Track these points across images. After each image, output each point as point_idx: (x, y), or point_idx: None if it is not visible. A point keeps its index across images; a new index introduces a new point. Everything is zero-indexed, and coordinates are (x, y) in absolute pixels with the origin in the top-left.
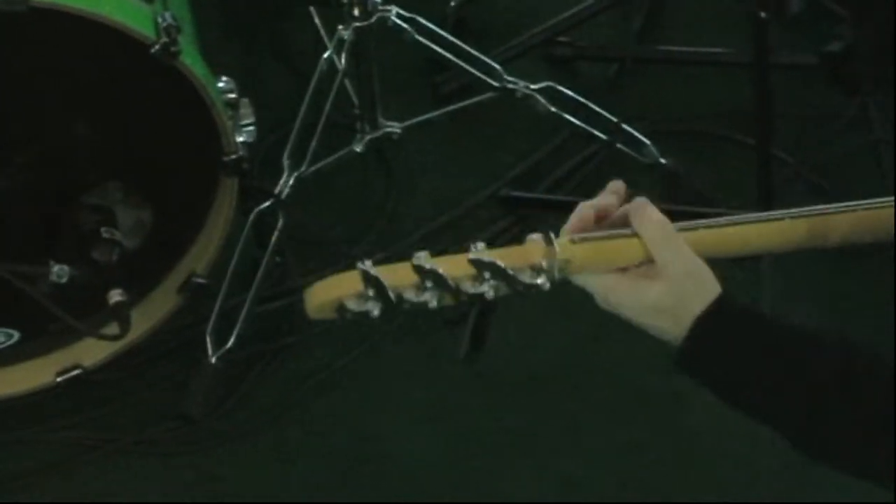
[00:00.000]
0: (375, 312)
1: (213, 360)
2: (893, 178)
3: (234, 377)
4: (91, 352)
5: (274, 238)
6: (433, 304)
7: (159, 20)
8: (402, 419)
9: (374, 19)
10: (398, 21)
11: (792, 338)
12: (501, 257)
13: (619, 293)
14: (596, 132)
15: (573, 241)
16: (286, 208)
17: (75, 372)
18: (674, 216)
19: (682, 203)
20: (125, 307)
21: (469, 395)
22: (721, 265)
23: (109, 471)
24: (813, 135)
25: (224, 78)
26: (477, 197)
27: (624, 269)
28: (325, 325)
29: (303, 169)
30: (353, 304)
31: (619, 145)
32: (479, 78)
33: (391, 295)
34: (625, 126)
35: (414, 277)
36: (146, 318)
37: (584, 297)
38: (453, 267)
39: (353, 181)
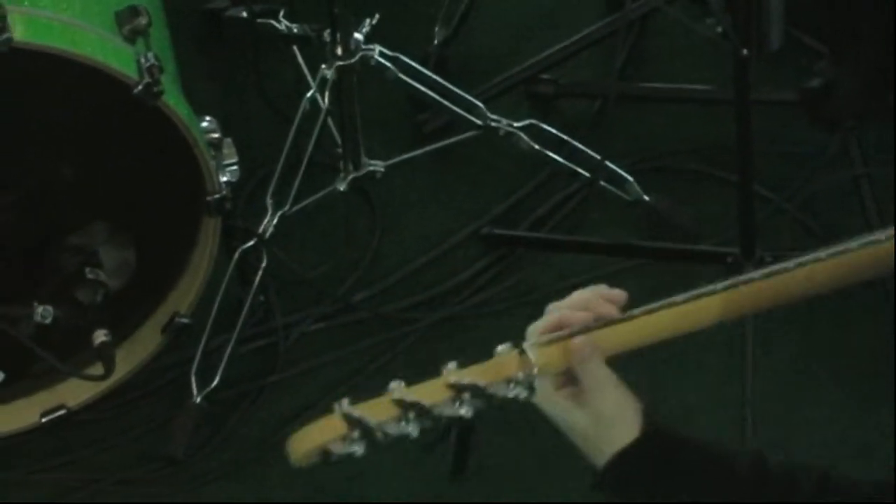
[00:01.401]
0: (360, 452)
1: (198, 399)
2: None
3: (217, 416)
4: (75, 392)
5: (257, 277)
6: (415, 433)
7: (142, 60)
8: (385, 458)
9: (356, 58)
10: (381, 59)
11: (704, 471)
12: (477, 376)
13: (548, 404)
14: (579, 169)
15: (542, 344)
16: (269, 247)
17: (60, 413)
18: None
19: (666, 240)
20: (110, 348)
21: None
22: None
23: None
24: (794, 171)
25: (207, 118)
26: (460, 235)
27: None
28: (308, 364)
29: (286, 208)
30: (337, 448)
31: (602, 182)
32: (461, 116)
33: (377, 433)
34: (608, 163)
35: (394, 410)
36: (130, 358)
37: None
38: (431, 394)
39: (337, 220)
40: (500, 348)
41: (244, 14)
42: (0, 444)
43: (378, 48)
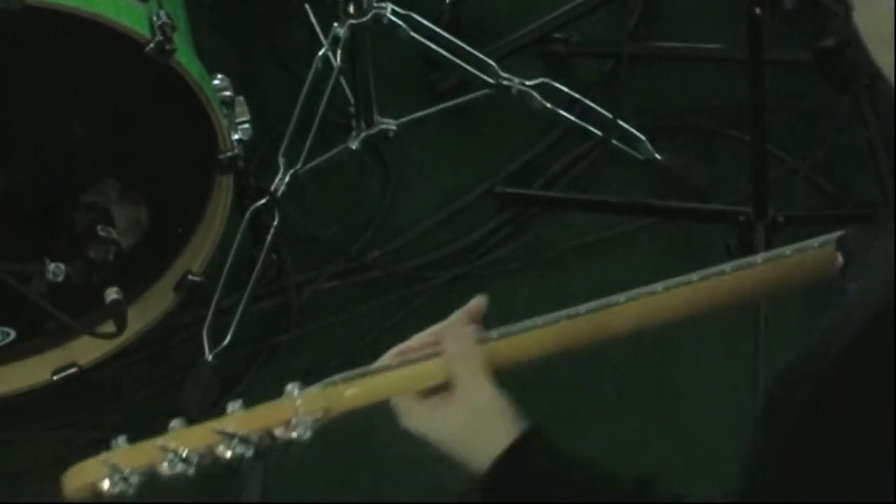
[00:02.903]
0: (131, 491)
1: (210, 357)
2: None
3: (230, 374)
4: (87, 350)
5: (269, 236)
6: (191, 472)
7: (154, 18)
8: (395, 417)
9: (369, 16)
10: (393, 18)
11: (580, 481)
12: (246, 422)
13: (413, 417)
14: (591, 128)
15: (334, 384)
16: (282, 206)
17: (71, 370)
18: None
19: (678, 199)
20: (121, 306)
21: None
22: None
23: None
24: (807, 131)
25: (219, 76)
26: (473, 194)
27: (427, 394)
28: (320, 323)
29: (298, 166)
30: (108, 487)
31: (614, 142)
32: (474, 75)
33: (135, 478)
34: (620, 122)
35: (163, 455)
36: (142, 316)
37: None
38: (200, 438)
39: (349, 179)
40: (288, 387)
41: None
42: (11, 401)
43: (390, 6)
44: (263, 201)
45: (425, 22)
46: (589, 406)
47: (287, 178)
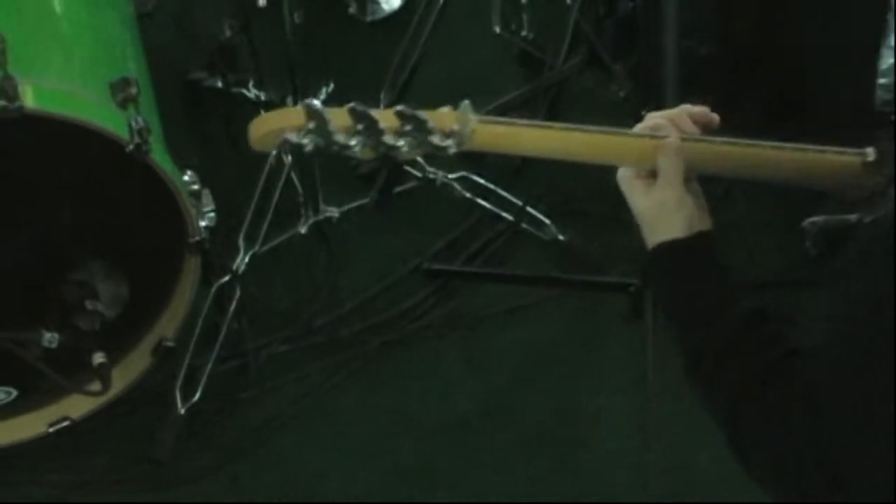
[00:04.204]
0: (310, 147)
1: (182, 411)
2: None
3: (197, 425)
4: (78, 405)
5: (232, 307)
6: (357, 150)
7: (133, 123)
8: (342, 460)
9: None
10: None
11: (715, 290)
12: (424, 115)
13: (623, 180)
14: (504, 214)
15: (482, 122)
16: (242, 282)
17: (65, 423)
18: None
19: (579, 273)
20: (107, 368)
21: (401, 439)
22: None
23: None
24: None
25: (188, 171)
26: (405, 269)
27: (646, 173)
28: (275, 382)
29: (256, 248)
30: (293, 136)
31: (524, 224)
32: (404, 170)
33: (329, 133)
34: (528, 208)
35: (348, 121)
36: (124, 376)
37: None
38: (382, 117)
39: (299, 257)
40: (443, 109)
41: (220, 84)
42: (11, 450)
43: None
44: (227, 278)
45: None
46: (498, 447)
47: (247, 259)
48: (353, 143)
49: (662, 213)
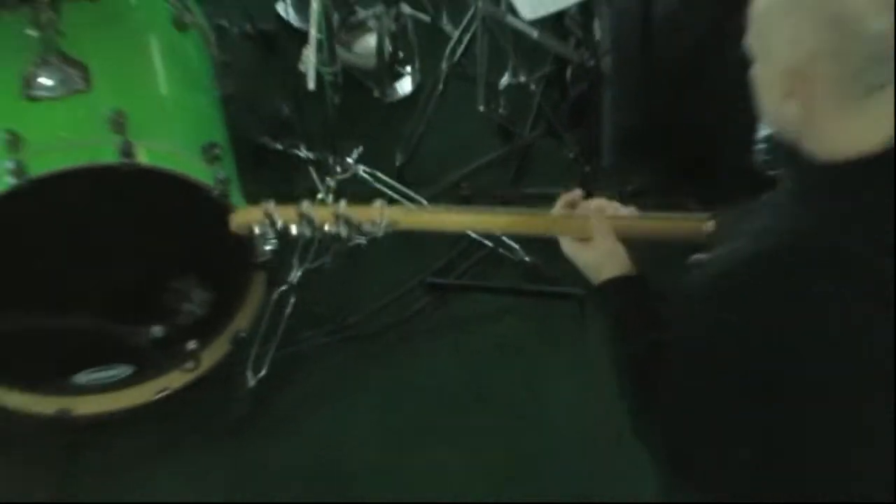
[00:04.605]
0: (270, 235)
1: (252, 384)
2: None
3: (261, 393)
4: (176, 379)
5: (288, 309)
6: (306, 234)
7: (217, 176)
8: (361, 423)
9: (349, 173)
10: (364, 175)
11: (644, 314)
12: (353, 212)
13: (570, 247)
14: (485, 241)
15: (407, 212)
16: (295, 290)
17: (167, 392)
18: (531, 293)
19: (538, 284)
20: (197, 352)
21: (406, 408)
22: None
23: (179, 461)
24: None
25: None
26: (411, 283)
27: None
28: (316, 365)
29: (306, 265)
30: (256, 227)
31: (500, 249)
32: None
33: (278, 223)
34: (503, 238)
35: (297, 217)
36: (210, 357)
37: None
38: (321, 214)
39: (336, 273)
40: (376, 204)
41: (279, 147)
42: (127, 414)
43: (361, 167)
44: (284, 287)
45: (383, 176)
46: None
47: (299, 273)
48: (300, 231)
49: (605, 259)
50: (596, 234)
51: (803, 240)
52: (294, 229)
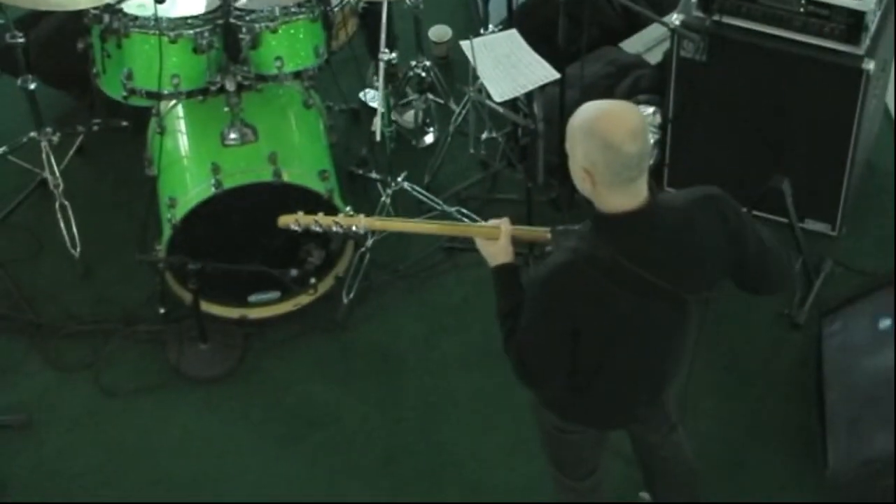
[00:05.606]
0: (334, 229)
1: (346, 301)
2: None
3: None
4: (304, 299)
5: (364, 262)
6: (318, 230)
7: (327, 188)
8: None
9: (398, 187)
10: (406, 187)
11: (512, 287)
12: (343, 220)
13: (481, 244)
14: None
15: (381, 220)
16: (369, 250)
17: (299, 305)
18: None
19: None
20: (315, 285)
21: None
22: None
23: (310, 345)
24: None
25: (348, 208)
26: (434, 246)
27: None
28: (385, 299)
29: (375, 236)
30: (293, 225)
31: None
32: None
33: (309, 225)
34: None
35: (312, 222)
36: (323, 287)
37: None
38: (325, 222)
39: (386, 241)
40: (360, 216)
41: (361, 172)
42: (277, 318)
43: (406, 183)
44: (363, 248)
45: (418, 188)
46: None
47: (370, 243)
48: (316, 230)
49: (500, 253)
50: (501, 238)
51: (594, 255)
52: (312, 229)
